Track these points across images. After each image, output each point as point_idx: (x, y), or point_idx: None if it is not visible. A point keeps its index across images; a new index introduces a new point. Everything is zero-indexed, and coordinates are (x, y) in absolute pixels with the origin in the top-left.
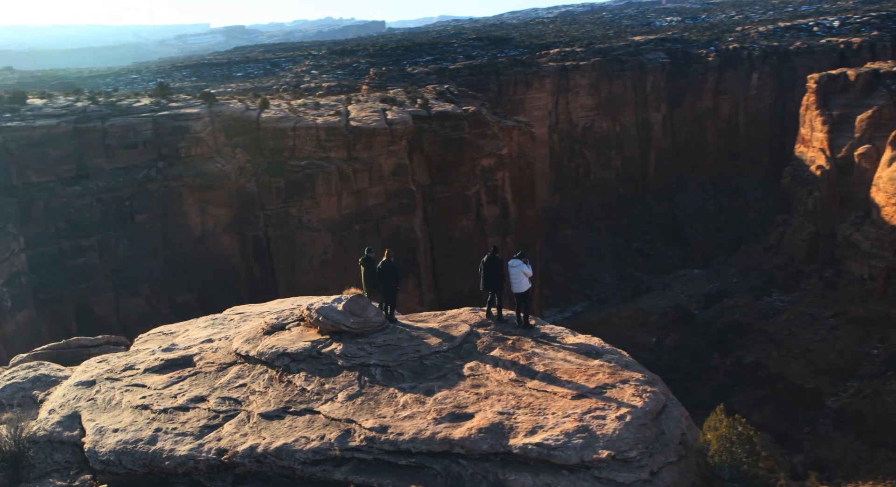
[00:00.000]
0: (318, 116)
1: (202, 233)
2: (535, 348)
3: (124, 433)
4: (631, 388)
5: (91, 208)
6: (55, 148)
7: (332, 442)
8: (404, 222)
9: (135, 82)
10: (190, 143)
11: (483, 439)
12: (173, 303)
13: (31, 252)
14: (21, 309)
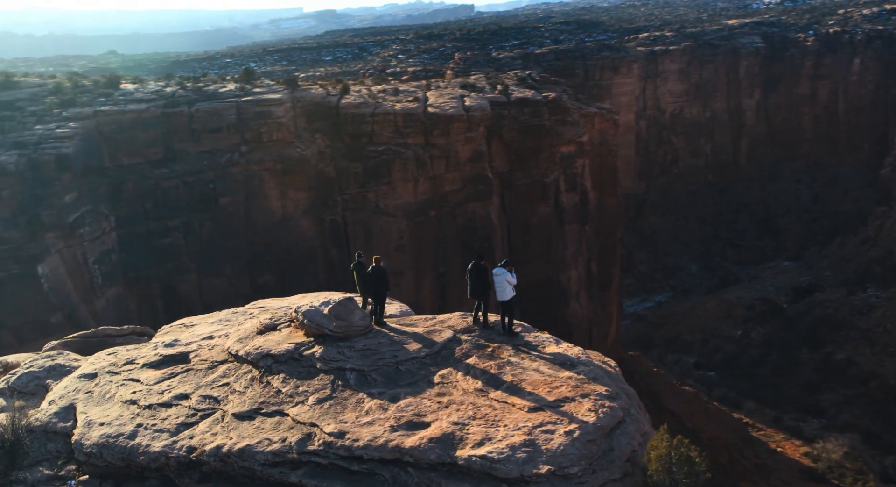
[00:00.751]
0: (396, 102)
1: (282, 216)
2: (513, 357)
3: (108, 426)
4: (589, 402)
5: (177, 190)
6: (144, 132)
7: (291, 445)
8: (480, 208)
9: (228, 66)
10: (272, 128)
11: (432, 449)
12: (254, 284)
13: (120, 231)
14: (111, 286)
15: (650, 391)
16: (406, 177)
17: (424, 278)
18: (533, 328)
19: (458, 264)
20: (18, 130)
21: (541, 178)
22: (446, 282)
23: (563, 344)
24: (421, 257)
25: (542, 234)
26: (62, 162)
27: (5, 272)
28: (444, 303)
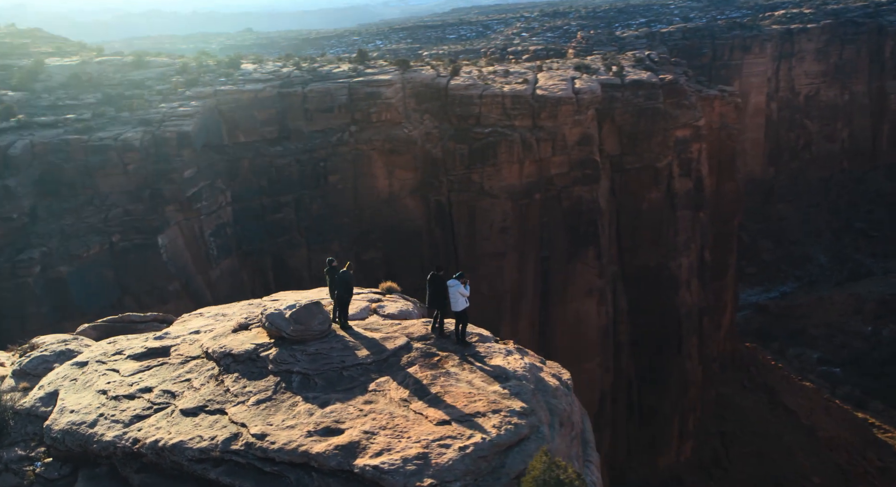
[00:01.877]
0: (505, 84)
1: (389, 195)
2: (454, 367)
3: (76, 414)
4: (497, 418)
5: (290, 168)
6: (261, 111)
7: (217, 444)
8: (587, 192)
9: (355, 44)
10: (381, 108)
11: (335, 456)
12: (360, 260)
13: (236, 206)
14: (225, 258)
15: (765, 385)
16: (511, 159)
17: (527, 261)
18: (491, 338)
19: (563, 247)
20: (145, 108)
21: (653, 162)
22: (549, 265)
23: (513, 356)
24: (524, 240)
25: (652, 220)
26: (183, 139)
27: (129, 242)
28: (546, 286)
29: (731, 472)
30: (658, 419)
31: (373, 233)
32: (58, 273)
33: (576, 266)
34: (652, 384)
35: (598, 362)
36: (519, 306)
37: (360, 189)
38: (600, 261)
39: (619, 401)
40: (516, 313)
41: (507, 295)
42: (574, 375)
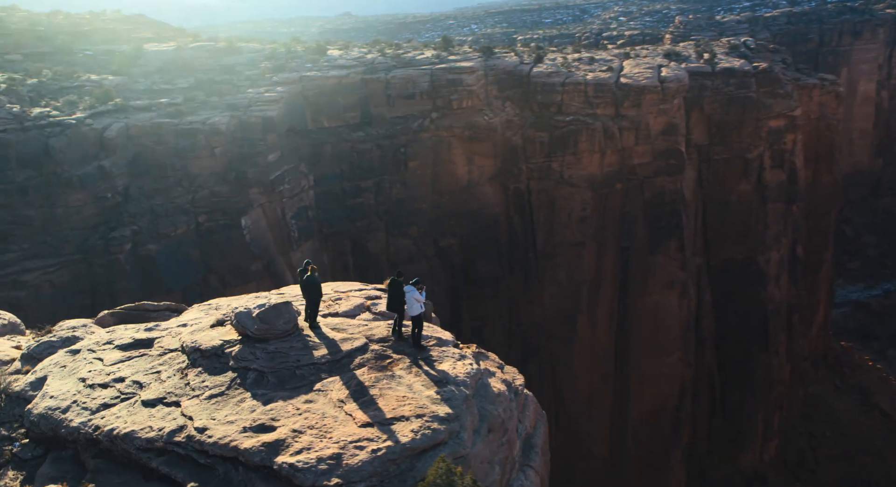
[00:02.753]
0: (589, 72)
1: (467, 182)
2: (402, 370)
3: (54, 400)
4: (418, 422)
5: (371, 153)
6: (344, 96)
7: (163, 435)
8: (670, 182)
9: (451, 28)
10: (462, 95)
11: (259, 452)
12: (437, 246)
13: (318, 190)
14: (306, 240)
15: (859, 386)
16: (592, 148)
17: (606, 251)
18: (449, 342)
19: (644, 238)
20: (233, 93)
21: (743, 153)
22: (629, 256)
23: (464, 361)
24: (603, 230)
25: (741, 212)
26: (268, 124)
27: (214, 222)
28: (625, 277)
29: (819, 474)
30: (742, 417)
31: (450, 219)
32: (147, 251)
33: (657, 258)
34: (736, 381)
35: (678, 356)
36: (597, 296)
37: (439, 175)
38: (683, 253)
39: (701, 396)
40: (594, 303)
41: (585, 285)
42: (653, 368)
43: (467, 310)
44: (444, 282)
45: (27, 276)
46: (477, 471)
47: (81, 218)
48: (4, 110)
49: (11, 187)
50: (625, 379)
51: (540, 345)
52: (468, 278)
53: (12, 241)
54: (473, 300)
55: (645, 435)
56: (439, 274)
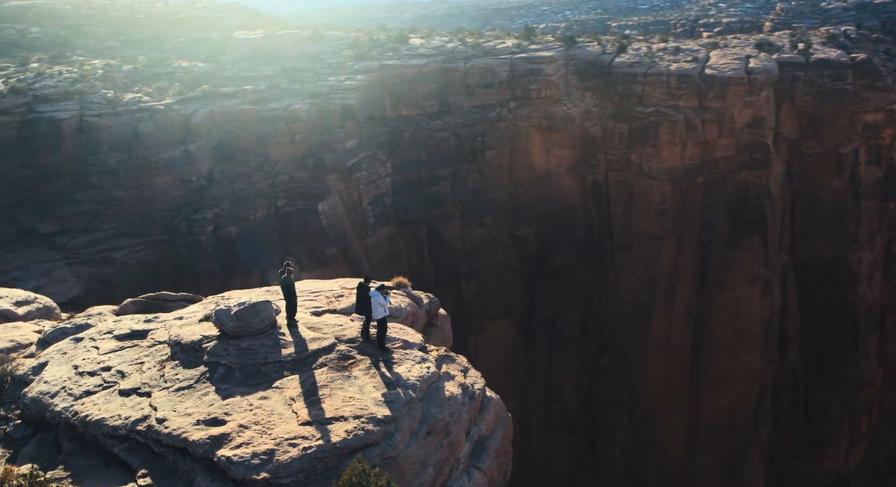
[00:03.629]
0: (673, 63)
1: (545, 172)
2: (359, 371)
3: (47, 385)
4: (354, 424)
5: (448, 142)
6: (423, 85)
7: (128, 423)
8: (755, 177)
9: (544, 14)
10: (541, 85)
11: (204, 444)
12: (512, 235)
13: (395, 177)
14: (382, 226)
15: None
16: (673, 140)
17: (686, 245)
18: (416, 345)
19: (726, 233)
20: (314, 81)
21: (836, 148)
22: (709, 250)
23: (423, 364)
24: (683, 223)
25: (831, 209)
26: (347, 112)
27: (292, 207)
28: (705, 272)
29: None
30: (826, 419)
31: (527, 209)
32: (227, 233)
33: (738, 253)
34: (822, 382)
35: (758, 354)
36: (674, 290)
37: (516, 165)
38: (766, 249)
39: (783, 396)
40: (671, 297)
41: (663, 279)
42: (731, 365)
43: (542, 300)
44: (519, 272)
45: (116, 253)
46: (406, 472)
47: (167, 200)
48: (99, 96)
49: (104, 169)
50: (701, 376)
51: (614, 338)
52: (543, 269)
53: (103, 220)
54: (548, 291)
55: (721, 434)
56: (514, 264)
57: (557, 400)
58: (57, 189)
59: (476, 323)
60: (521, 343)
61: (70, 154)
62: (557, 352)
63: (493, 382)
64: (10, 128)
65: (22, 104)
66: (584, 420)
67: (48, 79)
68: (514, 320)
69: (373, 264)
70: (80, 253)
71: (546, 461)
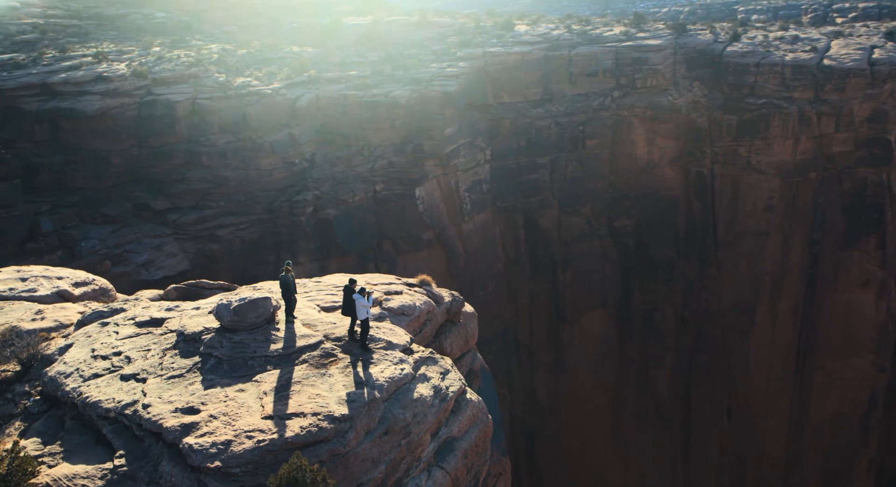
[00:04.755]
0: (789, 52)
1: (647, 163)
2: (336, 369)
3: (65, 365)
4: (311, 420)
5: (549, 130)
6: (526, 73)
7: (119, 406)
8: (874, 174)
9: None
10: (646, 74)
11: (174, 431)
12: (610, 226)
13: (493, 164)
14: (478, 213)
15: None
16: (785, 134)
17: (793, 243)
18: (398, 347)
19: (838, 232)
20: (417, 68)
21: None
22: (819, 250)
23: (399, 365)
24: (791, 220)
25: None
26: (446, 99)
27: (390, 191)
28: (814, 272)
29: None
30: None
31: (626, 200)
32: (326, 215)
33: (852, 254)
34: None
35: (870, 359)
36: (779, 289)
37: (617, 155)
38: (884, 250)
39: None
40: (776, 295)
41: (767, 277)
42: (840, 370)
43: (638, 293)
44: (615, 263)
45: (221, 231)
46: (354, 468)
47: (271, 181)
48: (212, 79)
49: (213, 149)
50: (806, 379)
51: (714, 335)
52: (641, 261)
53: (211, 198)
54: (645, 284)
55: (826, 440)
56: (611, 255)
57: (652, 395)
58: (170, 168)
59: (570, 313)
60: (616, 335)
61: (183, 135)
62: (653, 346)
63: (585, 373)
64: (130, 109)
65: (142, 87)
66: (678, 416)
67: (167, 63)
68: (609, 311)
69: (468, 249)
70: (189, 229)
71: (638, 455)
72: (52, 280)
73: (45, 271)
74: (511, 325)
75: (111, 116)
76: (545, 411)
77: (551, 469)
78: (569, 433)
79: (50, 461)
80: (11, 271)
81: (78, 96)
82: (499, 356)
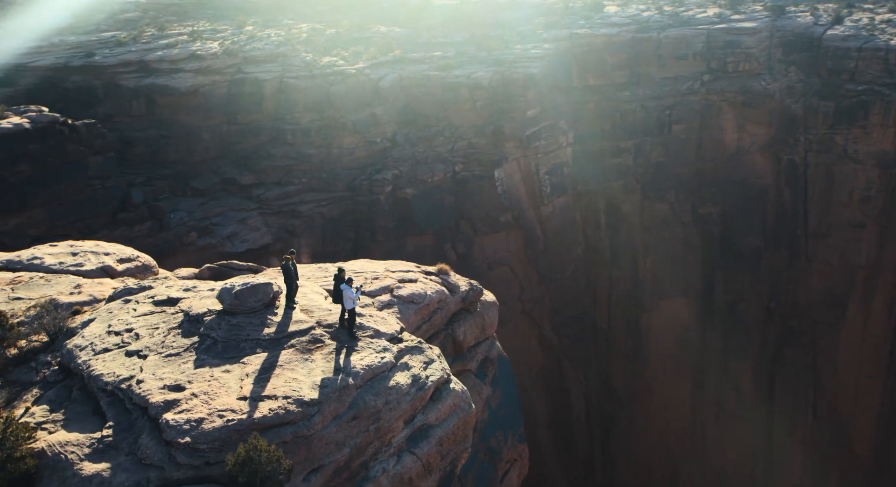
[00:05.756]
0: (895, 36)
1: (736, 149)
2: (320, 355)
3: (82, 339)
4: (280, 402)
5: (634, 114)
6: (612, 55)
7: (117, 381)
8: None
9: None
10: (739, 58)
11: (157, 406)
12: (695, 213)
13: (576, 147)
14: (558, 196)
15: None
16: (886, 122)
17: (891, 236)
18: (385, 335)
19: None
20: (501, 49)
21: None
22: None
23: (381, 354)
24: (890, 212)
25: None
26: (529, 80)
27: (469, 172)
28: None
29: None
30: None
31: (712, 187)
32: (404, 194)
33: None
34: None
35: None
36: (874, 283)
37: (704, 141)
38: None
39: None
40: (870, 290)
41: (861, 271)
42: None
43: (721, 282)
44: (699, 251)
45: (303, 207)
46: (317, 450)
47: (352, 159)
48: (300, 59)
49: (297, 127)
50: None
51: (801, 329)
52: (726, 250)
53: (294, 175)
54: (729, 274)
55: None
56: (695, 242)
57: (733, 387)
58: (256, 145)
59: (650, 301)
60: (697, 325)
61: (270, 113)
62: (736, 337)
63: (664, 362)
64: (221, 87)
65: (232, 65)
66: (760, 411)
67: (258, 41)
68: (691, 300)
69: (547, 233)
70: (273, 204)
71: (716, 448)
72: (100, 256)
73: (95, 247)
74: (588, 310)
75: (202, 94)
76: (621, 398)
77: (625, 458)
78: (645, 422)
79: (51, 427)
80: (66, 245)
81: (172, 74)
82: (575, 340)
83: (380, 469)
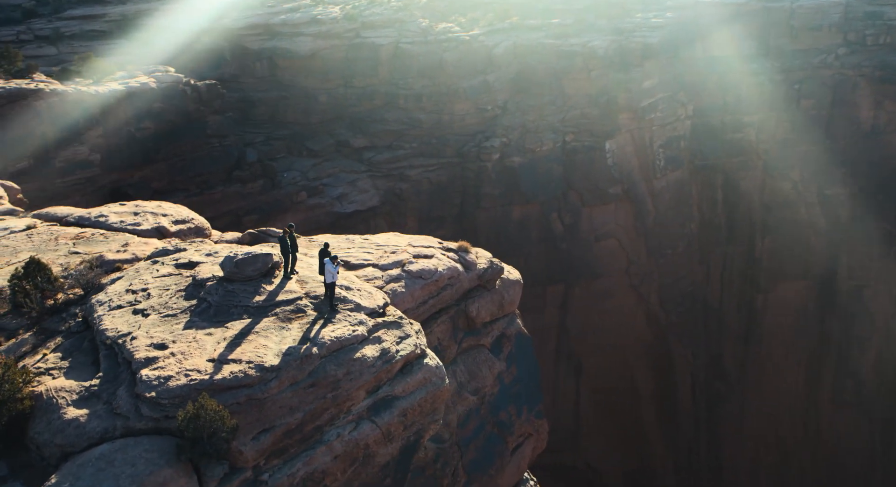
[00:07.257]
0: None
1: (871, 128)
2: (297, 324)
3: (105, 295)
4: (241, 366)
5: (760, 87)
6: (742, 25)
7: (115, 335)
8: None
9: None
10: (880, 30)
11: (139, 362)
12: (821, 194)
13: (695, 121)
14: (673, 170)
15: None
16: None
17: None
18: (365, 309)
19: None
20: (621, 17)
21: None
22: None
23: (351, 327)
24: None
25: None
26: (647, 50)
27: (579, 142)
28: None
29: None
30: None
31: (843, 167)
32: (511, 162)
33: None
34: None
35: None
36: None
37: (835, 118)
38: None
39: None
40: None
41: None
42: None
43: (846, 268)
44: (823, 234)
45: (411, 171)
46: (270, 412)
47: (462, 125)
48: (415, 24)
49: (410, 93)
50: None
51: None
52: (854, 234)
53: (405, 140)
54: (856, 258)
55: None
56: (819, 225)
57: (852, 376)
58: (370, 108)
59: (767, 282)
60: (816, 310)
61: (384, 77)
62: (858, 325)
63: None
64: (339, 51)
65: (351, 30)
66: (881, 402)
67: (377, 6)
68: (810, 284)
69: (658, 207)
70: (382, 168)
71: (832, 439)
72: (158, 216)
73: (156, 208)
74: (700, 288)
75: (321, 57)
76: (731, 379)
77: (731, 440)
78: (755, 404)
79: (56, 374)
80: (132, 205)
81: (294, 37)
82: (684, 317)
83: (335, 434)
